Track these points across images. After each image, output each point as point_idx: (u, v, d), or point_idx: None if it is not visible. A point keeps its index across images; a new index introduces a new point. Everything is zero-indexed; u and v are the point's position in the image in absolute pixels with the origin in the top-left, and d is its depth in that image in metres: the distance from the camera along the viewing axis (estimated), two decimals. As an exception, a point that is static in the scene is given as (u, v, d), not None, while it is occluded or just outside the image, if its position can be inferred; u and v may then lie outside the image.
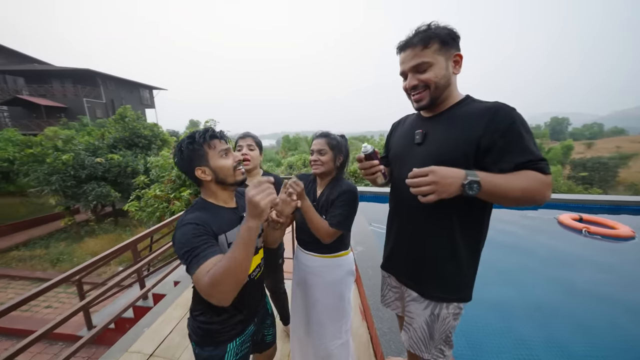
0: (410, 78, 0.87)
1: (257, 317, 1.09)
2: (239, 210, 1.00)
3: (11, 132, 12.32)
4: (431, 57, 0.82)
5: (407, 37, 0.86)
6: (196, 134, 0.91)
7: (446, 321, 0.92)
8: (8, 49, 21.62)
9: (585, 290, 2.93)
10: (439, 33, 0.82)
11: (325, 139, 1.26)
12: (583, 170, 19.07)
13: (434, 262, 0.92)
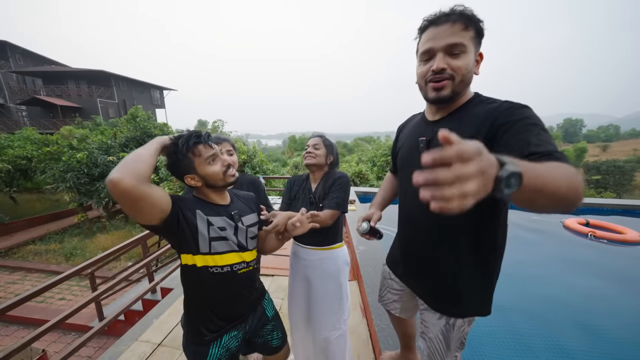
0: (439, 59, 0.72)
1: (246, 323, 1.05)
2: (230, 208, 1.01)
3: (30, 131, 12.83)
4: (468, 42, 0.71)
5: (443, 12, 0.72)
6: (179, 142, 0.87)
7: (461, 329, 0.88)
8: (27, 51, 22.55)
9: (590, 294, 2.88)
10: (478, 22, 0.72)
11: (320, 138, 1.41)
12: (597, 174, 18.49)
13: (446, 279, 0.86)
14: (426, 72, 0.76)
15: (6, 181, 10.50)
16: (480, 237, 0.79)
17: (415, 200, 0.82)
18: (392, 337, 1.63)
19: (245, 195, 1.15)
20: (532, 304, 2.72)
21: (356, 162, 11.05)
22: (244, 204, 1.09)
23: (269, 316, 1.16)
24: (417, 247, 0.94)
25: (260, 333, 1.13)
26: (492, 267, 0.82)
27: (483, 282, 0.84)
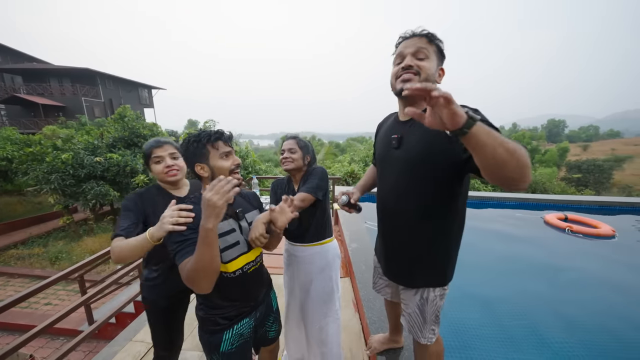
0: (408, 59, 0.93)
1: (257, 311, 1.10)
2: (234, 206, 1.06)
3: (10, 130, 12.29)
4: (431, 52, 0.92)
5: (412, 31, 0.96)
6: (203, 134, 0.97)
7: (434, 302, 1.04)
8: (5, 47, 21.55)
9: (566, 286, 3.06)
10: (439, 41, 0.94)
11: (294, 140, 1.42)
12: (578, 172, 19.32)
13: (418, 258, 1.02)
14: (397, 70, 0.96)
15: (-15, 183, 10.05)
16: (441, 223, 0.97)
17: (389, 191, 1.05)
18: (383, 329, 1.70)
19: (246, 192, 1.19)
20: (515, 296, 2.86)
21: (348, 162, 11.15)
22: (245, 201, 1.13)
23: (273, 308, 1.21)
24: (392, 233, 1.08)
25: (264, 323, 1.18)
26: (452, 246, 1.01)
27: (446, 257, 1.01)
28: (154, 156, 1.24)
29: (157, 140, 1.27)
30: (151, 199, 1.23)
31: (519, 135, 38.94)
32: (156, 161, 1.24)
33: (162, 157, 1.24)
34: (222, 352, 1.00)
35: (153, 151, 1.24)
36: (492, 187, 7.80)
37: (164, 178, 1.26)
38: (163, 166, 1.24)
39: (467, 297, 2.81)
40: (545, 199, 5.67)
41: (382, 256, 1.18)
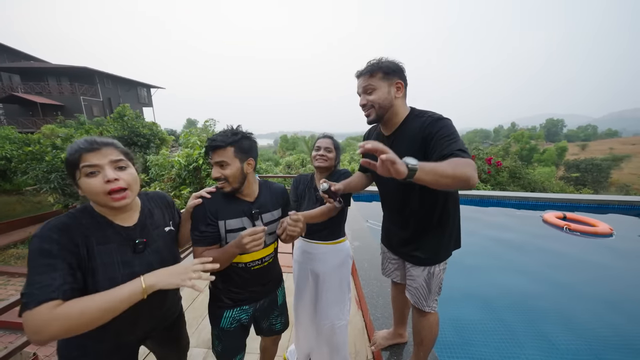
0: (361, 98, 1.11)
1: (259, 303, 1.17)
2: (254, 205, 1.08)
3: (8, 129, 12.23)
4: (375, 83, 1.06)
5: (358, 71, 1.11)
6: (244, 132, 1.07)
7: (438, 276, 1.19)
8: (2, 45, 21.42)
9: (564, 283, 3.10)
10: (382, 66, 1.06)
11: (331, 140, 1.47)
12: (576, 171, 19.42)
13: (424, 242, 1.18)
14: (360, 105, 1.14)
15: (-17, 183, 10.01)
16: (440, 211, 1.12)
17: (392, 193, 1.21)
18: (387, 325, 1.72)
19: (276, 188, 1.20)
20: (514, 294, 2.90)
21: (348, 161, 11.18)
22: (271, 197, 1.15)
23: (278, 304, 1.26)
24: (400, 224, 1.25)
25: (268, 317, 1.24)
26: (450, 228, 1.17)
27: (444, 238, 1.17)
28: (85, 165, 0.75)
29: (90, 140, 0.78)
30: (82, 233, 0.76)
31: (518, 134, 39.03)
32: (87, 173, 0.76)
33: (98, 167, 0.76)
34: (221, 328, 1.12)
35: (83, 157, 0.75)
36: (492, 186, 7.85)
37: (105, 201, 0.78)
38: (101, 181, 0.76)
39: (468, 294, 2.84)
40: (544, 197, 5.72)
41: (394, 240, 1.31)
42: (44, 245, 0.69)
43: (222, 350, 1.14)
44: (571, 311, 2.63)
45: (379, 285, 2.19)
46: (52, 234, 0.71)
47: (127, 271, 0.79)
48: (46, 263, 0.68)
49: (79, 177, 0.76)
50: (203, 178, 7.13)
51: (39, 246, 0.69)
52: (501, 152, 12.80)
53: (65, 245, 0.72)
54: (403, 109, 1.12)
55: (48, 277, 0.66)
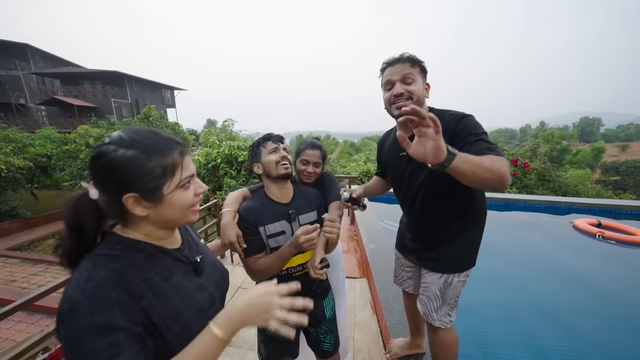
0: (397, 86, 0.98)
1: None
2: (289, 207, 1.07)
3: (49, 130, 13.37)
4: (416, 75, 0.99)
5: (394, 57, 1.02)
6: (256, 140, 1.11)
7: (456, 287, 1.09)
8: (46, 53, 23.45)
9: (597, 295, 2.83)
10: (420, 62, 1.01)
11: (319, 151, 1.24)
12: (615, 175, 17.80)
13: (443, 247, 1.09)
14: (389, 97, 1.02)
15: (28, 178, 10.99)
16: (464, 213, 1.04)
17: (411, 194, 1.12)
18: (403, 333, 1.65)
19: (310, 192, 1.17)
20: (543, 305, 2.69)
21: (364, 161, 11.01)
22: (305, 201, 1.13)
23: (326, 316, 1.18)
24: (418, 227, 1.18)
25: (316, 329, 1.18)
26: (474, 233, 1.08)
27: (469, 243, 1.08)
28: (188, 175, 0.59)
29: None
30: (140, 277, 0.53)
31: (547, 134, 36.52)
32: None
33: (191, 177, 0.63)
34: (266, 334, 1.12)
35: (182, 163, 0.58)
36: (518, 189, 7.37)
37: (188, 216, 0.61)
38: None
39: (490, 304, 2.67)
40: (578, 202, 5.28)
41: (411, 245, 1.22)
42: (99, 318, 0.44)
43: (267, 355, 1.15)
44: (609, 327, 2.39)
45: (395, 289, 2.11)
46: (104, 293, 0.46)
47: (205, 295, 0.63)
48: (108, 343, 0.44)
49: (170, 190, 0.55)
50: (221, 176, 7.35)
51: (90, 321, 0.44)
52: (528, 153, 12.03)
53: (127, 305, 0.48)
54: (426, 108, 1.06)
55: (122, 357, 0.44)
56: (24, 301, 1.39)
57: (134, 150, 0.52)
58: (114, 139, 0.52)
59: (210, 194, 7.47)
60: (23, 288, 5.72)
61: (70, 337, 0.44)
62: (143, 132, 0.55)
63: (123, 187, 0.52)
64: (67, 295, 0.46)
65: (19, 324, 4.41)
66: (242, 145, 7.64)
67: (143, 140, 0.53)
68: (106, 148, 0.51)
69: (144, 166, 0.52)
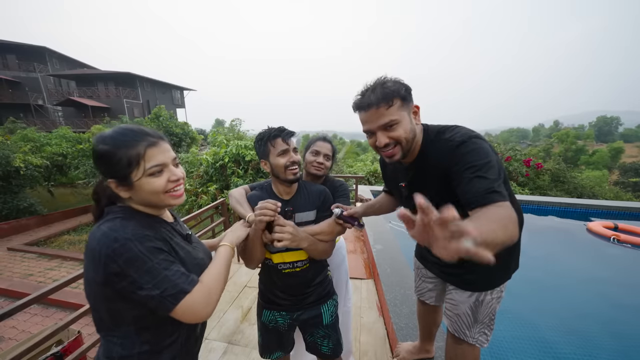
0: (380, 136, 0.86)
1: (296, 313, 1.12)
2: (289, 204, 1.07)
3: (65, 129, 13.83)
4: (397, 114, 0.83)
5: (364, 95, 0.85)
6: (264, 132, 1.05)
7: (490, 305, 0.98)
8: (63, 55, 24.30)
9: (609, 298, 2.72)
10: (398, 90, 0.82)
11: (330, 145, 1.32)
12: (635, 176, 17.04)
13: (467, 261, 0.94)
14: (374, 144, 0.90)
15: (45, 176, 11.40)
16: None
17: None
18: (411, 336, 1.62)
19: (314, 189, 1.14)
20: (555, 309, 2.60)
21: (371, 161, 10.92)
22: (307, 199, 1.10)
23: (323, 323, 1.15)
24: None
25: (312, 333, 1.16)
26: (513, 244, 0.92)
27: (503, 257, 0.91)
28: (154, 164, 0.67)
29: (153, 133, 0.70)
30: (152, 224, 0.71)
31: (562, 134, 35.33)
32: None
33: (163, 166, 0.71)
34: (262, 322, 1.16)
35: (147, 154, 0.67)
36: (530, 191, 7.15)
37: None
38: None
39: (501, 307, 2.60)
40: (594, 204, 5.07)
41: (433, 257, 1.10)
42: (151, 244, 0.63)
43: (262, 343, 1.19)
44: (625, 333, 2.28)
45: (402, 292, 2.08)
46: (142, 231, 0.64)
47: (199, 256, 0.79)
48: (163, 258, 0.64)
49: (138, 177, 0.65)
50: (228, 175, 7.42)
51: (148, 246, 0.62)
52: (541, 154, 11.65)
53: (159, 239, 0.67)
54: (420, 134, 0.91)
55: (177, 267, 0.65)
56: (39, 294, 1.42)
57: (106, 146, 0.64)
58: (99, 137, 0.66)
59: (218, 192, 7.56)
60: (39, 282, 5.93)
61: (132, 261, 0.60)
62: (122, 129, 0.66)
63: (106, 175, 0.66)
64: (111, 238, 0.60)
65: (34, 317, 4.57)
66: (250, 145, 7.69)
67: (117, 136, 0.65)
68: (94, 144, 0.66)
69: (112, 158, 0.64)
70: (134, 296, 0.60)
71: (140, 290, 0.60)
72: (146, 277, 0.60)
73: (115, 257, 0.58)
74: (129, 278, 0.59)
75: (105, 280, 0.59)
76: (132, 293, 0.60)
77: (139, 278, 0.59)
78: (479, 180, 0.71)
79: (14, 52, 21.03)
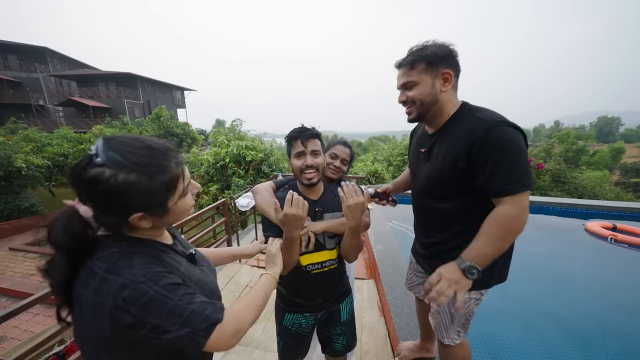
0: (400, 94, 0.98)
1: (320, 313, 1.12)
2: (317, 204, 1.05)
3: (66, 130, 13.88)
4: (416, 76, 0.91)
5: (398, 60, 0.97)
6: (290, 132, 1.03)
7: (467, 305, 1.00)
8: (64, 55, 24.33)
9: (606, 297, 2.74)
10: (427, 54, 0.89)
11: (350, 150, 1.32)
12: (636, 176, 17.02)
13: (449, 255, 0.96)
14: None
15: (46, 176, 11.42)
16: (472, 222, 0.92)
17: (421, 196, 1.08)
18: (412, 336, 1.62)
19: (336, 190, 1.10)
20: (552, 308, 2.62)
21: (371, 161, 10.93)
22: (335, 199, 1.05)
23: (340, 320, 1.16)
24: (427, 232, 1.11)
25: (329, 329, 1.17)
26: None
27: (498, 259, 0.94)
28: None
29: None
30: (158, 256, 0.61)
31: (562, 134, 35.27)
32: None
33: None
34: (283, 326, 1.13)
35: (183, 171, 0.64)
36: (531, 191, 7.15)
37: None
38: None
39: (500, 307, 2.61)
40: (595, 205, 5.08)
41: (421, 250, 1.17)
42: (165, 282, 0.53)
43: (283, 348, 1.16)
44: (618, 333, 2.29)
45: (403, 292, 2.08)
46: (154, 268, 0.54)
47: (209, 280, 0.71)
48: (184, 292, 0.54)
49: (174, 202, 0.57)
50: (229, 176, 7.44)
51: (160, 287, 0.52)
52: (542, 154, 11.65)
53: (173, 272, 0.58)
54: (451, 104, 0.94)
55: (199, 298, 0.56)
56: (42, 295, 1.43)
57: (136, 174, 0.50)
58: (107, 160, 0.49)
59: (219, 192, 7.57)
60: (41, 282, 5.95)
61: (150, 305, 0.49)
62: (137, 149, 0.52)
63: (129, 210, 0.52)
64: (117, 286, 0.49)
65: (37, 317, 4.59)
66: (250, 145, 7.70)
67: (142, 161, 0.51)
68: (102, 173, 0.48)
69: (148, 188, 0.51)
70: (155, 342, 0.51)
71: (165, 335, 0.50)
72: (171, 318, 0.50)
73: (128, 307, 0.48)
74: (149, 325, 0.49)
75: (113, 334, 0.49)
76: (153, 339, 0.51)
77: (161, 322, 0.50)
78: (503, 176, 0.81)
79: (15, 53, 21.07)
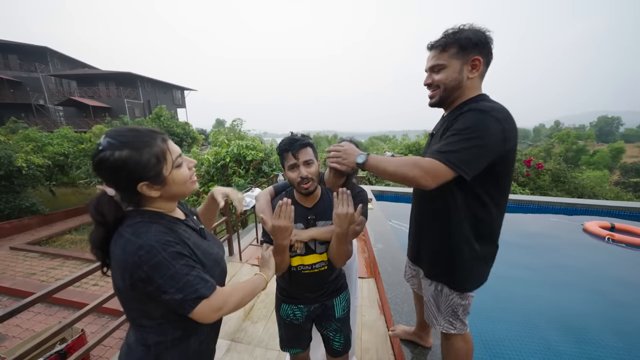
0: (426, 76, 0.99)
1: (313, 306, 1.15)
2: (311, 211, 1.07)
3: (66, 129, 13.87)
4: (446, 60, 0.91)
5: (437, 38, 0.94)
6: (280, 143, 1.04)
7: (449, 297, 1.02)
8: (64, 55, 24.32)
9: (602, 296, 2.77)
10: (460, 37, 0.88)
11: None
12: (636, 176, 17.02)
13: (438, 253, 1.03)
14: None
15: (46, 176, 11.43)
16: (463, 226, 0.94)
17: (418, 191, 1.11)
18: (411, 334, 1.64)
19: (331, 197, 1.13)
20: (551, 308, 2.63)
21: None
22: (329, 206, 1.07)
23: (335, 316, 1.18)
24: (419, 224, 1.14)
25: (325, 325, 1.19)
26: (475, 254, 0.96)
27: (466, 263, 0.97)
28: (177, 156, 0.75)
29: None
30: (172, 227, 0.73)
31: (562, 134, 35.26)
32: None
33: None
34: (280, 315, 1.19)
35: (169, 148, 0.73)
36: (531, 191, 7.16)
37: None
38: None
39: (498, 305, 2.63)
40: (594, 204, 5.09)
41: (412, 239, 1.21)
42: (174, 249, 0.65)
43: (282, 337, 1.22)
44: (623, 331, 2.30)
45: (403, 290, 2.09)
46: (165, 237, 0.66)
47: (214, 251, 0.82)
48: (184, 263, 0.66)
49: (169, 171, 0.69)
50: (229, 175, 7.45)
51: (171, 251, 0.65)
52: (542, 154, 11.65)
53: (182, 243, 0.70)
54: (472, 91, 0.93)
55: (197, 272, 0.67)
56: (43, 294, 1.44)
57: (127, 150, 0.62)
58: (105, 145, 0.62)
59: (219, 192, 7.59)
60: (42, 281, 5.96)
61: (157, 267, 0.62)
62: (125, 132, 0.65)
63: (134, 180, 0.65)
64: (136, 246, 0.62)
65: (38, 315, 4.60)
66: (251, 145, 7.71)
67: (129, 140, 0.64)
68: (104, 154, 0.62)
69: (140, 160, 0.64)
70: (159, 299, 0.65)
71: (164, 295, 0.63)
72: (170, 282, 0.63)
73: (142, 264, 0.62)
74: (155, 283, 0.63)
75: (133, 285, 0.63)
76: (157, 296, 0.64)
77: (163, 283, 0.63)
78: (443, 143, 0.86)
79: (16, 52, 21.07)
